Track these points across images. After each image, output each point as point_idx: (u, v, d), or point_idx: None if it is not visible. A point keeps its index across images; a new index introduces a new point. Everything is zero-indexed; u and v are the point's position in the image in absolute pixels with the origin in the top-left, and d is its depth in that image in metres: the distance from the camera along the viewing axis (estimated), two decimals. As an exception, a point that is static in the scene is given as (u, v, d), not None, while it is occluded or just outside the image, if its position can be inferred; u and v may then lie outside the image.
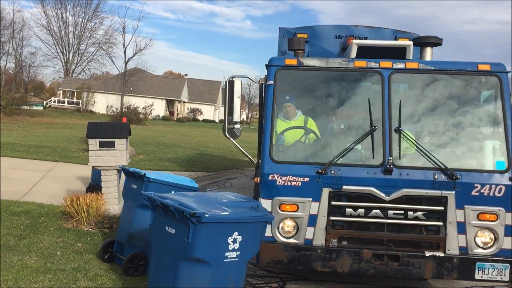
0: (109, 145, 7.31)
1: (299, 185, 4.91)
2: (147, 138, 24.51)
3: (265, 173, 4.96)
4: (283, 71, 5.20)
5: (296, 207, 4.94)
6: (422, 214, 4.88)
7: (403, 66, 5.17)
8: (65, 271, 5.07)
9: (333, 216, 4.93)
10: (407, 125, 5.09)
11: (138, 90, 59.07)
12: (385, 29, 7.27)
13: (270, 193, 4.95)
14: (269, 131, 5.08)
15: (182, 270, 3.63)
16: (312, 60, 5.24)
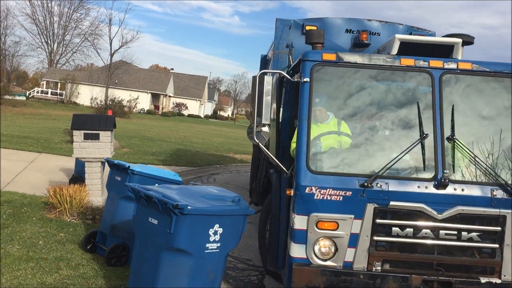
0: (94, 137, 7.36)
1: (340, 199, 4.29)
2: (132, 132, 24.44)
3: (301, 185, 4.30)
4: (319, 67, 4.58)
5: (335, 225, 4.33)
6: (476, 235, 4.33)
7: (455, 67, 4.60)
8: (47, 260, 5.14)
9: (377, 236, 4.32)
10: (458, 133, 4.48)
11: (123, 83, 58.64)
12: (399, 25, 6.95)
13: (306, 209, 4.31)
14: (305, 136, 4.41)
15: (164, 260, 3.74)
16: (353, 55, 4.65)
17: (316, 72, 4.58)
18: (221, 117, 77.08)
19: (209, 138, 28.26)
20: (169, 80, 64.75)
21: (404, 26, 6.96)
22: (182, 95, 67.76)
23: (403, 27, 6.94)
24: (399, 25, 6.99)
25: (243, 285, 5.55)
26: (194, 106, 67.77)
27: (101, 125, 7.42)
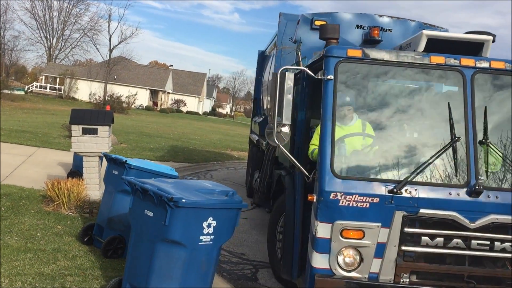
0: (92, 132, 7.45)
1: (367, 206, 4.03)
2: (130, 127, 24.53)
3: (325, 191, 4.03)
4: (344, 64, 4.29)
5: (361, 233, 4.06)
6: (510, 246, 4.09)
7: (488, 65, 4.33)
8: (45, 251, 5.25)
9: (405, 246, 4.06)
10: (492, 136, 4.26)
11: (122, 79, 58.61)
12: (411, 21, 6.78)
13: (330, 216, 4.04)
14: (330, 138, 4.14)
15: (158, 251, 3.85)
16: (380, 52, 4.36)
17: (341, 69, 4.27)
18: (220, 114, 77.11)
19: (207, 135, 28.36)
20: (168, 76, 64.75)
21: (416, 23, 6.78)
22: (181, 92, 67.77)
23: (415, 24, 6.75)
24: (411, 21, 6.79)
25: (237, 278, 5.67)
26: (192, 103, 67.79)
27: (99, 120, 7.52)
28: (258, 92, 11.74)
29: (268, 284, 5.62)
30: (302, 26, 6.56)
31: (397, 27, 6.65)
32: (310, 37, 6.38)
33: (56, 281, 4.51)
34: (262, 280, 5.72)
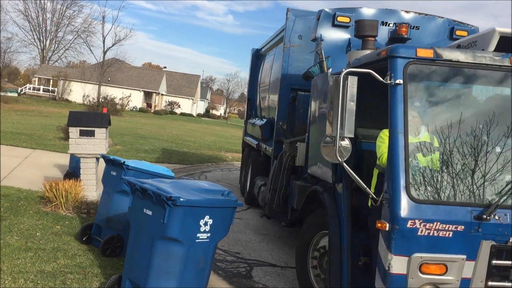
0: (89, 134, 7.59)
1: (449, 236, 3.52)
2: (124, 129, 24.61)
3: (402, 218, 3.47)
4: (414, 66, 3.75)
5: (443, 268, 3.55)
6: None
7: None
8: (45, 250, 5.38)
9: (493, 281, 3.58)
10: None
11: (116, 80, 58.59)
12: (440, 18, 6.40)
13: (407, 248, 3.50)
14: (403, 154, 3.57)
15: (157, 248, 4.01)
16: (454, 52, 3.83)
17: (410, 72, 3.74)
18: (214, 116, 77.22)
19: (201, 137, 28.50)
20: (161, 78, 64.78)
21: (445, 20, 6.38)
22: (175, 94, 67.82)
23: (444, 21, 6.35)
24: (440, 18, 6.39)
25: (232, 276, 5.83)
26: (186, 105, 67.86)
27: (96, 122, 7.66)
28: (253, 92, 11.52)
29: (263, 281, 5.79)
30: (323, 22, 6.07)
31: (425, 24, 6.27)
32: (332, 34, 6.04)
33: (57, 279, 4.65)
34: (256, 278, 5.89)
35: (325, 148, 3.84)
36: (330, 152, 3.78)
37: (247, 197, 9.95)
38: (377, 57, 4.10)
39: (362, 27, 4.82)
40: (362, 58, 4.59)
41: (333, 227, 4.51)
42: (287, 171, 6.55)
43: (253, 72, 11.64)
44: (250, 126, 11.12)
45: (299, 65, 7.45)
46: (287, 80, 7.62)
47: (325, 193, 4.84)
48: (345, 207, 4.42)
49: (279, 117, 7.82)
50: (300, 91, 7.33)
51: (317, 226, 5.02)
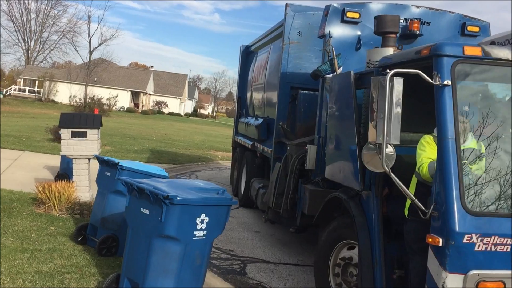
0: (81, 135, 7.63)
1: (507, 250, 3.29)
2: (112, 130, 24.53)
3: (457, 232, 3.24)
4: (462, 66, 3.49)
5: (502, 286, 3.33)
6: None
7: None
8: (41, 251, 5.43)
9: None
10: None
11: (103, 81, 58.25)
12: (451, 13, 6.25)
13: (463, 265, 3.27)
14: (455, 162, 3.33)
15: (155, 246, 4.10)
16: (503, 50, 3.55)
17: (458, 72, 3.48)
18: (202, 115, 77.17)
19: (190, 136, 28.51)
20: (149, 78, 64.54)
21: (456, 15, 6.23)
22: (162, 93, 67.62)
23: (455, 16, 6.22)
24: (451, 13, 6.22)
25: (227, 272, 5.94)
26: (174, 104, 67.71)
27: (88, 123, 7.70)
28: (243, 90, 11.26)
29: (257, 277, 5.90)
30: (331, 18, 5.82)
31: (436, 20, 6.08)
32: (341, 31, 5.84)
33: (55, 279, 4.71)
34: (250, 274, 6.00)
35: (367, 155, 3.58)
36: (373, 160, 3.52)
37: (242, 199, 9.70)
38: (415, 56, 3.80)
39: (383, 23, 4.60)
40: (394, 57, 4.28)
41: (363, 238, 4.23)
42: (295, 174, 6.20)
43: (243, 70, 11.31)
44: (242, 125, 10.80)
45: (299, 63, 7.29)
46: (287, 79, 7.38)
47: (350, 200, 4.56)
48: (376, 216, 4.16)
49: (279, 117, 7.54)
50: (301, 90, 7.15)
51: (339, 236, 4.77)
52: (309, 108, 7.00)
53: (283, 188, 6.43)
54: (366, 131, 4.27)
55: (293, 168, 6.23)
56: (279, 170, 6.65)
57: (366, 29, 5.85)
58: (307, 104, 7.05)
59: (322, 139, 5.71)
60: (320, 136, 5.75)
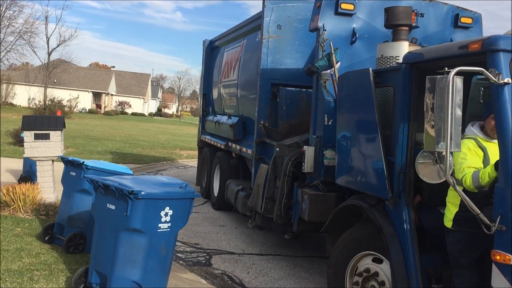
0: (44, 137, 7.69)
1: None
2: (75, 132, 24.21)
3: None
4: None
5: None
6: None
7: None
8: (9, 251, 5.54)
9: None
10: None
11: (63, 82, 56.91)
12: (444, 4, 6.09)
13: None
14: None
15: (122, 239, 4.32)
16: None
17: None
18: (166, 115, 76.60)
19: (154, 136, 28.45)
20: (110, 78, 63.55)
21: (449, 6, 6.07)
22: (125, 93, 66.73)
23: (448, 7, 6.06)
24: (444, 4, 6.06)
25: (192, 264, 6.21)
26: (137, 104, 66.95)
27: (51, 125, 7.77)
28: (208, 87, 10.93)
29: (221, 268, 6.20)
30: (325, 10, 5.55)
31: (429, 11, 5.91)
32: (334, 23, 5.57)
33: (25, 275, 4.86)
34: (215, 265, 6.29)
35: (423, 165, 3.32)
36: (429, 170, 3.26)
37: (217, 203, 9.36)
38: (459, 51, 3.47)
39: (394, 15, 4.38)
40: (426, 52, 3.95)
41: (395, 251, 3.92)
42: (288, 177, 5.78)
43: (208, 66, 10.95)
44: (211, 124, 10.32)
45: (280, 58, 6.99)
46: (267, 75, 6.99)
47: (373, 209, 4.25)
48: (409, 226, 3.89)
49: (260, 116, 7.11)
50: (282, 86, 6.89)
51: (358, 246, 4.43)
52: (292, 105, 6.86)
53: (272, 192, 6.11)
54: (391, 134, 4.12)
55: (286, 170, 5.80)
56: (268, 173, 6.26)
57: (360, 22, 5.66)
58: (289, 101, 6.83)
59: (319, 139, 5.41)
60: (317, 137, 5.44)
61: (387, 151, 4.14)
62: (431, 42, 5.68)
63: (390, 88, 4.24)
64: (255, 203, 6.52)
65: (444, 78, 3.08)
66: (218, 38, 10.62)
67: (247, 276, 5.96)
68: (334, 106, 5.34)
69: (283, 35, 6.98)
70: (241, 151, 8.14)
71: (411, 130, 3.98)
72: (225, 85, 9.55)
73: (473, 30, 6.11)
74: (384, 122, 4.27)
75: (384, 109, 4.33)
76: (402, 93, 4.02)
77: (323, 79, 5.51)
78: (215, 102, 10.58)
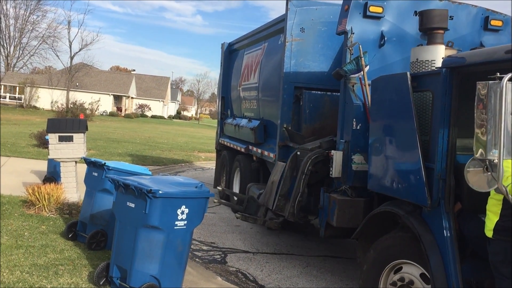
0: (68, 139, 8.04)
1: None
2: (96, 134, 24.78)
3: None
4: None
5: None
6: None
7: None
8: (35, 247, 5.87)
9: None
10: None
11: (84, 85, 58.13)
12: (473, 7, 5.99)
13: None
14: None
15: (140, 236, 4.58)
16: None
17: None
18: (185, 117, 77.40)
19: (173, 138, 28.89)
20: (131, 81, 64.58)
21: (478, 9, 5.98)
22: (145, 96, 67.69)
23: (478, 10, 5.97)
24: (474, 7, 5.96)
25: (208, 262, 6.44)
26: (157, 107, 67.84)
27: (74, 127, 8.12)
28: (227, 90, 10.93)
29: (236, 265, 6.42)
30: (353, 13, 5.50)
31: (458, 14, 5.85)
32: (362, 26, 5.54)
33: (50, 270, 5.16)
34: (230, 263, 6.51)
35: (473, 173, 3.22)
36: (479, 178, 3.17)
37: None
38: (506, 55, 3.37)
39: (429, 18, 4.35)
40: (468, 56, 3.84)
41: (435, 260, 3.81)
42: (306, 176, 5.81)
43: (227, 69, 10.90)
44: (230, 127, 10.22)
45: (303, 61, 6.96)
46: (290, 78, 6.94)
47: (410, 216, 4.15)
48: (450, 234, 3.80)
49: (282, 119, 7.05)
50: (305, 89, 6.86)
51: (393, 254, 4.32)
52: (315, 108, 6.81)
53: (287, 189, 6.12)
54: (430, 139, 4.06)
55: (304, 169, 5.78)
56: (284, 170, 6.28)
57: (389, 24, 5.61)
58: (312, 104, 6.78)
59: (347, 144, 5.33)
60: (345, 141, 5.36)
61: (426, 157, 4.04)
62: (460, 45, 5.63)
63: (428, 93, 4.18)
64: (267, 200, 6.49)
65: (496, 83, 3.01)
66: (237, 41, 10.63)
67: (261, 274, 6.16)
68: (363, 110, 5.28)
69: (306, 38, 6.95)
70: (263, 154, 8.07)
71: (451, 135, 3.88)
72: (245, 88, 9.50)
73: (503, 33, 6.02)
74: (422, 127, 4.19)
75: (421, 114, 4.26)
76: (442, 98, 3.92)
77: (351, 82, 5.45)
78: (234, 105, 10.55)
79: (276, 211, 6.22)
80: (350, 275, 6.37)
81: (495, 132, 3.01)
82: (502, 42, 5.80)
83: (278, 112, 7.21)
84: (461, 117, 3.78)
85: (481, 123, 3.10)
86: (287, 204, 6.01)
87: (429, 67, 4.76)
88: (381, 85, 4.79)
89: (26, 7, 60.77)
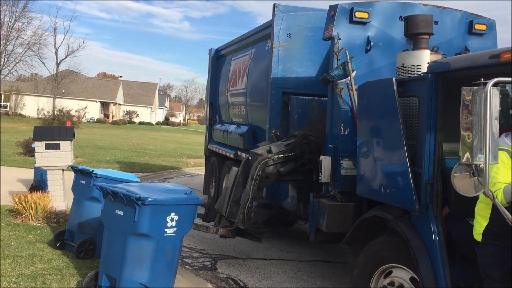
0: (55, 147, 7.97)
1: None
2: (83, 141, 24.57)
3: None
4: None
5: None
6: None
7: None
8: (22, 257, 5.78)
9: None
10: None
11: (71, 92, 57.68)
12: (458, 11, 6.06)
13: None
14: None
15: (130, 244, 4.53)
16: None
17: None
18: (173, 123, 77.11)
19: (162, 145, 28.76)
20: (118, 88, 64.23)
21: (462, 13, 6.03)
22: (132, 103, 67.37)
23: (462, 14, 6.02)
24: (458, 11, 6.03)
25: (198, 269, 6.40)
26: (145, 113, 67.53)
27: (61, 135, 8.04)
28: (215, 96, 10.90)
29: (226, 272, 6.39)
30: (339, 19, 5.53)
31: (443, 18, 5.89)
32: (348, 32, 5.58)
33: (38, 280, 5.09)
34: (220, 269, 6.48)
35: (459, 178, 3.21)
36: (466, 183, 3.17)
37: None
38: (490, 61, 3.42)
39: (415, 23, 4.38)
40: (453, 62, 3.86)
41: (424, 264, 3.83)
42: (256, 181, 5.78)
43: (215, 74, 10.93)
44: (219, 133, 10.24)
45: (290, 67, 7.01)
46: (278, 83, 7.00)
47: (399, 221, 4.16)
48: (438, 239, 3.82)
49: (271, 124, 7.09)
50: (293, 95, 6.89)
51: (382, 258, 4.33)
52: (304, 113, 6.84)
53: (239, 195, 6.05)
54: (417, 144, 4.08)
55: (254, 174, 5.78)
56: (237, 176, 6.25)
57: (375, 30, 5.66)
58: (300, 109, 6.82)
59: (335, 149, 5.36)
60: (334, 146, 5.40)
61: (413, 161, 4.05)
62: (445, 49, 5.69)
63: (414, 98, 4.21)
64: (221, 206, 6.40)
65: (481, 89, 3.01)
66: (224, 46, 10.64)
67: (251, 280, 6.14)
68: (351, 115, 5.31)
69: (293, 43, 7.00)
70: None
71: (437, 140, 3.90)
72: (233, 94, 9.50)
73: (487, 37, 6.09)
74: (409, 132, 4.22)
75: (408, 119, 4.28)
76: (428, 103, 3.93)
77: (339, 88, 5.49)
78: (222, 111, 10.55)
79: (229, 217, 6.13)
80: (340, 279, 6.38)
81: (480, 137, 3.03)
82: (487, 46, 5.92)
83: (267, 117, 7.24)
84: (448, 122, 3.81)
85: (466, 129, 3.12)
86: (237, 211, 5.96)
87: (415, 72, 4.81)
88: (368, 90, 4.81)
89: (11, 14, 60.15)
